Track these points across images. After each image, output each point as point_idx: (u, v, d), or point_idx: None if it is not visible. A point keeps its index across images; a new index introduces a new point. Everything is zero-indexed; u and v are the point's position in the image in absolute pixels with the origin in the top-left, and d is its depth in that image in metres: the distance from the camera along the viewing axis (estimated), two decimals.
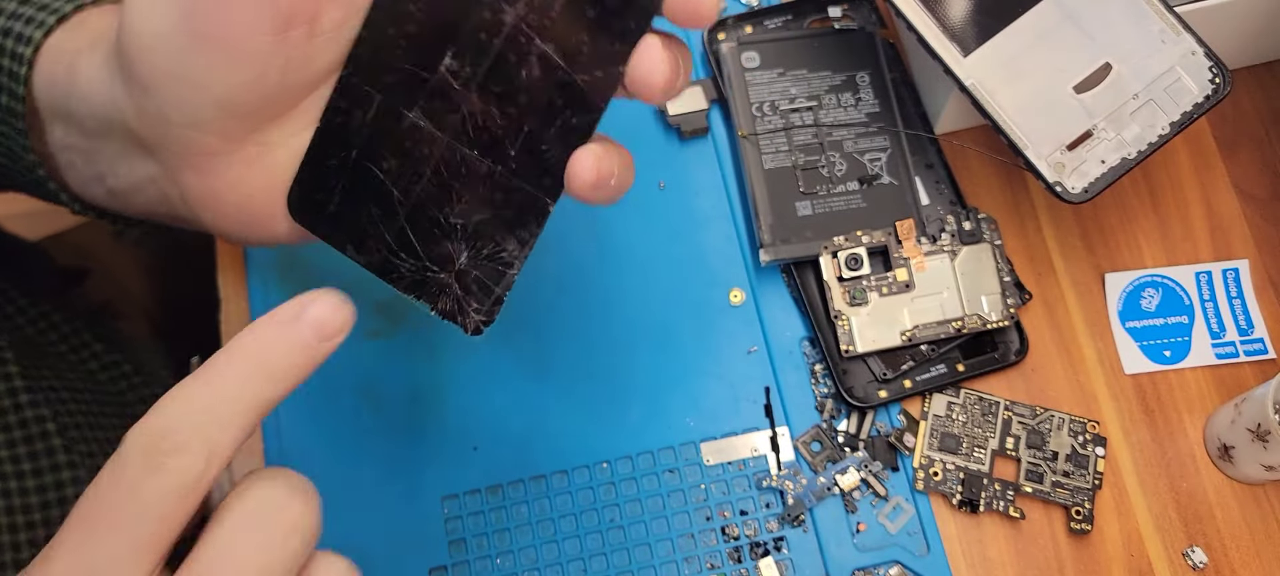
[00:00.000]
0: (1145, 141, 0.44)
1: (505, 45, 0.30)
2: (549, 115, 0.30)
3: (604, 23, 0.29)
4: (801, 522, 0.45)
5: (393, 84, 0.31)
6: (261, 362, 0.27)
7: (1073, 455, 0.45)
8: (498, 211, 0.32)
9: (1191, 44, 0.44)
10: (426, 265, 0.33)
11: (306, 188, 0.33)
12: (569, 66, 0.30)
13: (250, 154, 0.32)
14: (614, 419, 0.47)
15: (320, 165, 0.32)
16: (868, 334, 0.46)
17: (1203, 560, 0.44)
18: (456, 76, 0.31)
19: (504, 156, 0.31)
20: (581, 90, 0.30)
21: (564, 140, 0.31)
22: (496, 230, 0.32)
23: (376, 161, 0.32)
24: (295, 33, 0.29)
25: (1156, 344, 0.48)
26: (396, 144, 0.32)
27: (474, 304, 0.33)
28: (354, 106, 0.32)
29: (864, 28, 0.52)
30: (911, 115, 0.51)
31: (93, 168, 0.35)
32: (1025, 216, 0.50)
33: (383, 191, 0.32)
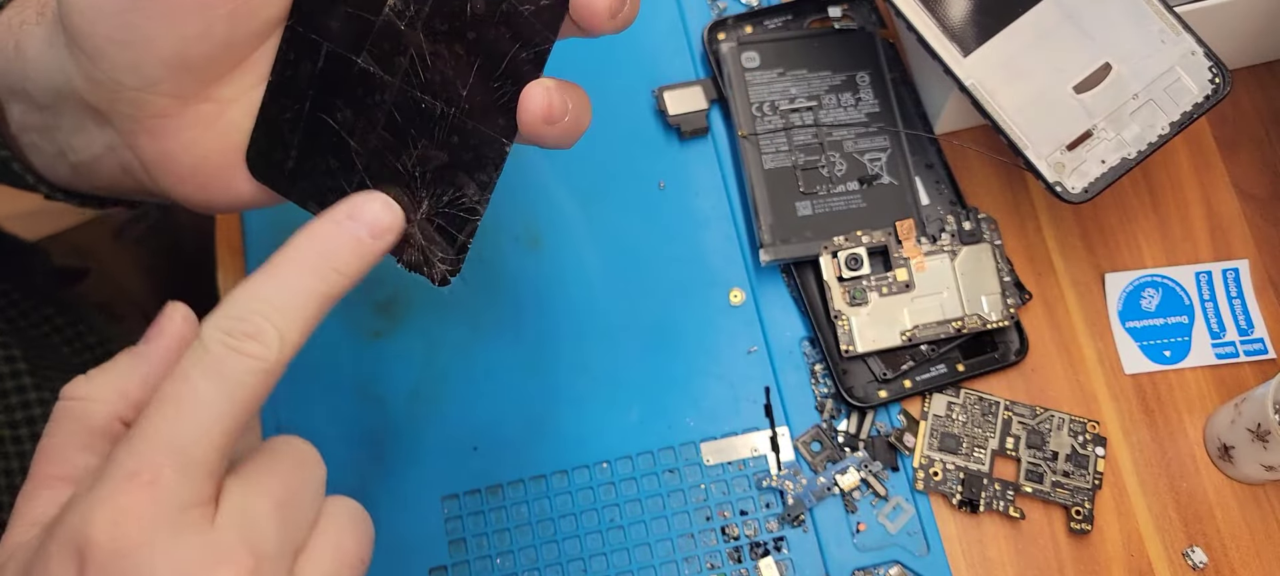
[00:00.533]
0: (1145, 141, 0.44)
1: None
2: (497, 50, 0.30)
3: None
4: (801, 522, 0.45)
5: (338, 30, 0.31)
6: (321, 258, 0.29)
7: (1073, 455, 0.45)
8: (455, 155, 0.32)
9: (1191, 44, 0.44)
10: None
11: (263, 146, 0.32)
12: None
13: (204, 113, 0.31)
14: (614, 419, 0.47)
15: (274, 121, 0.32)
16: (868, 334, 0.46)
17: (1203, 560, 0.44)
18: (401, 16, 0.30)
19: (456, 97, 0.31)
20: (527, 20, 0.30)
21: (514, 76, 0.30)
22: (456, 175, 0.32)
23: (330, 112, 0.32)
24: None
25: (1156, 344, 0.48)
26: (348, 92, 0.31)
27: (439, 253, 0.32)
28: (302, 57, 0.31)
29: (864, 28, 0.52)
30: (911, 115, 0.51)
31: (53, 144, 0.35)
32: (1025, 216, 0.50)
33: (339, 143, 0.32)
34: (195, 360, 0.27)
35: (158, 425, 0.26)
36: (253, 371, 0.27)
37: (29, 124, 0.35)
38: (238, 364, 0.27)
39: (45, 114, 0.34)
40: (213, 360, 0.26)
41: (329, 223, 0.30)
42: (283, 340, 0.27)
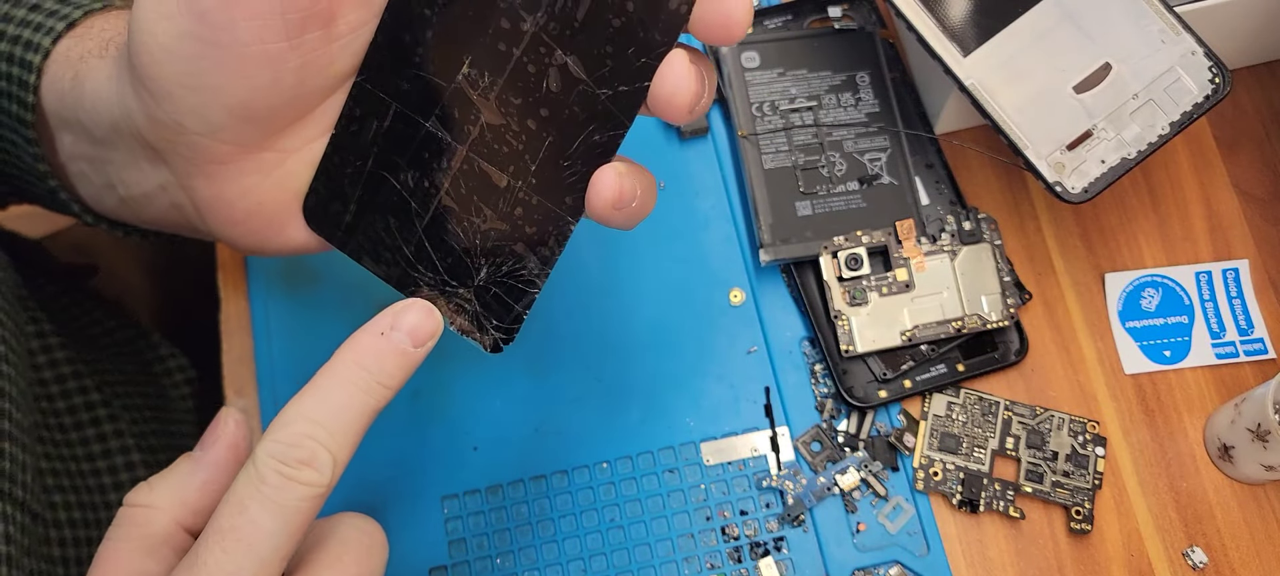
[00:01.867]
0: (1145, 141, 0.44)
1: (525, 55, 0.28)
2: (571, 130, 0.29)
3: (628, 35, 0.28)
4: (801, 522, 0.45)
5: (408, 91, 0.30)
6: (366, 371, 0.29)
7: (1073, 455, 0.45)
8: (517, 228, 0.31)
9: (1191, 44, 0.44)
10: (445, 280, 0.32)
11: (322, 197, 0.32)
12: (592, 80, 0.28)
13: (264, 161, 0.31)
14: (614, 419, 0.47)
15: (336, 174, 0.31)
16: (868, 334, 0.46)
17: (1203, 560, 0.44)
18: (474, 85, 0.29)
19: (524, 171, 0.30)
20: (604, 105, 0.29)
21: (586, 157, 0.29)
22: (517, 247, 0.31)
23: (393, 171, 0.31)
24: (310, 36, 0.29)
25: (1156, 344, 0.48)
26: (413, 153, 0.31)
27: (494, 321, 0.32)
28: (369, 114, 0.31)
29: (864, 28, 0.52)
30: (911, 115, 0.51)
31: (103, 176, 0.34)
32: (1025, 216, 0.50)
33: (400, 202, 0.31)
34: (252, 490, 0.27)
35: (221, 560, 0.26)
36: (308, 498, 0.27)
37: (79, 154, 0.35)
38: (294, 492, 0.27)
39: (99, 147, 0.34)
40: (270, 490, 0.27)
41: (372, 336, 0.30)
42: (335, 462, 0.28)
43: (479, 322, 0.32)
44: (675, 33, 0.28)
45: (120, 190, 0.34)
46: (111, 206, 0.36)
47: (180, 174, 0.32)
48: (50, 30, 0.34)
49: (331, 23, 0.29)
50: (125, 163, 0.33)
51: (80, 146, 0.34)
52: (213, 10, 0.27)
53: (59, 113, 0.34)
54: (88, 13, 0.35)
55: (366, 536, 0.30)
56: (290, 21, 0.28)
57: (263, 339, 0.48)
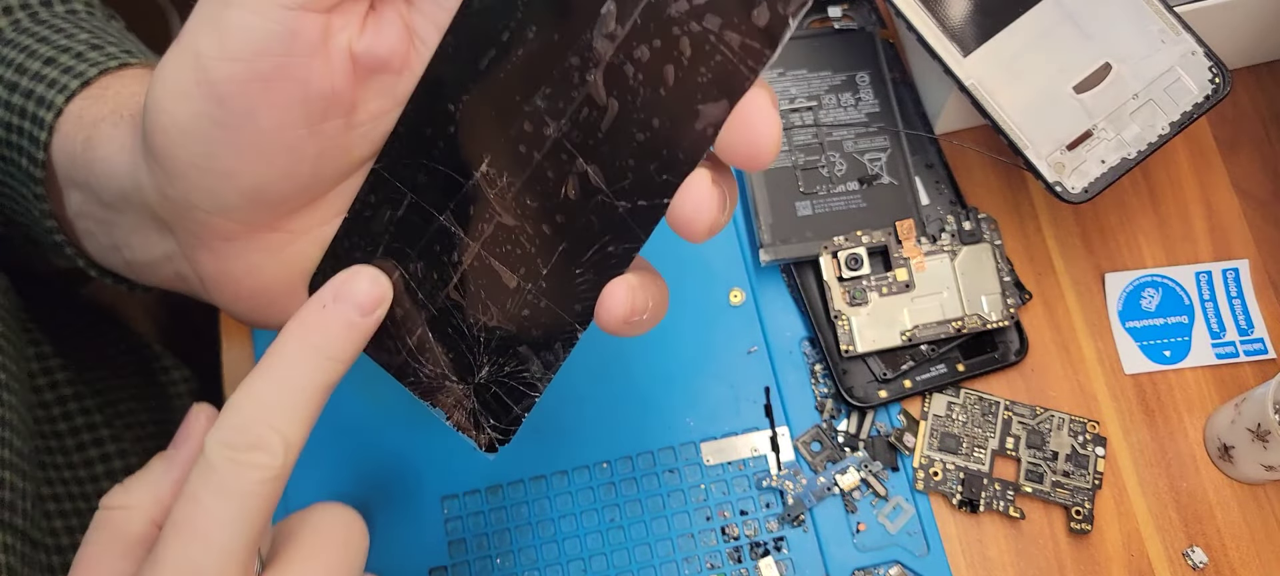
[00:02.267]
0: (1145, 141, 0.44)
1: (545, 160, 0.28)
2: (586, 239, 0.29)
3: (652, 151, 0.27)
4: (801, 522, 0.45)
5: (425, 184, 0.29)
6: (313, 348, 0.28)
7: (1073, 455, 0.45)
8: (524, 330, 0.30)
9: (1191, 44, 0.44)
10: (446, 375, 0.31)
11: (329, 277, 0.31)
12: (611, 192, 0.28)
13: (273, 241, 0.31)
14: (614, 419, 0.47)
15: (345, 258, 0.31)
16: (868, 334, 0.46)
17: (1203, 560, 0.44)
18: (492, 184, 0.29)
19: (535, 274, 0.29)
20: (622, 218, 0.28)
21: (599, 267, 0.29)
22: (522, 349, 0.31)
23: (402, 261, 0.31)
24: (331, 124, 0.28)
25: (1156, 344, 0.48)
26: (424, 246, 0.30)
27: (491, 420, 0.32)
28: (383, 202, 0.30)
29: (864, 28, 0.52)
30: (911, 115, 0.51)
31: (110, 238, 0.34)
32: (1025, 216, 0.50)
33: (407, 293, 0.31)
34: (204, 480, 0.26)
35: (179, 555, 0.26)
36: (262, 482, 0.27)
37: (87, 213, 0.34)
38: (246, 477, 0.26)
39: (107, 210, 0.33)
40: (221, 478, 0.26)
41: (317, 310, 0.29)
42: (288, 444, 0.27)
43: (476, 421, 0.32)
44: (700, 153, 0.27)
45: (126, 254, 0.34)
46: (117, 266, 0.35)
47: (186, 247, 0.31)
48: (64, 87, 0.33)
49: (353, 111, 0.28)
50: (132, 228, 0.33)
51: (88, 206, 0.34)
52: (233, 97, 0.27)
53: (69, 173, 0.33)
54: (103, 72, 0.34)
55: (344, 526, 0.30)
56: (311, 110, 0.27)
57: (262, 340, 0.48)
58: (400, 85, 0.29)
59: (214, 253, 0.31)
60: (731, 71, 0.26)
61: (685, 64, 0.26)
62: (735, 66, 0.26)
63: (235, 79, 0.26)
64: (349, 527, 0.30)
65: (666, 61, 0.26)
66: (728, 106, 0.26)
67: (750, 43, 0.25)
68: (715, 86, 0.26)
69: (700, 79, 0.26)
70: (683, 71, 0.26)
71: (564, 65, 0.27)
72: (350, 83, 0.28)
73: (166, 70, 0.27)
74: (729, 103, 0.26)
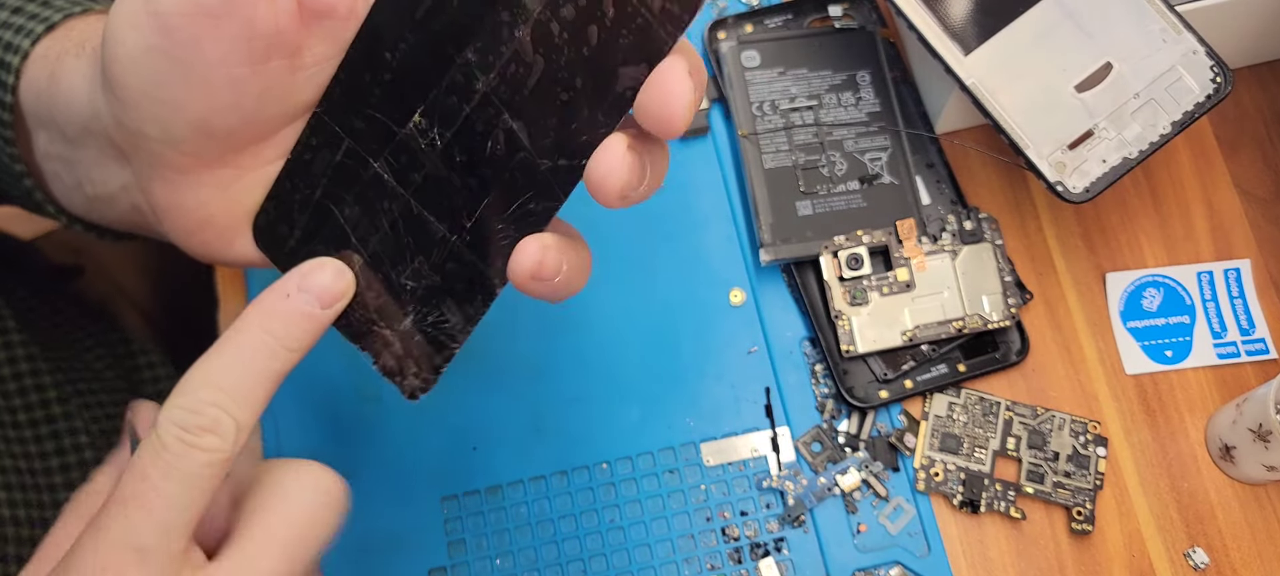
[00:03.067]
0: (1146, 141, 0.43)
1: (475, 113, 0.29)
2: (509, 194, 0.29)
3: (574, 110, 0.28)
4: (802, 523, 0.45)
5: (362, 130, 0.30)
6: (271, 336, 0.29)
7: (1074, 455, 0.45)
8: (448, 281, 0.31)
9: (1192, 43, 0.44)
10: (373, 318, 0.32)
11: (271, 218, 0.32)
12: (533, 149, 0.29)
13: (221, 176, 0.32)
14: (614, 419, 0.46)
15: (286, 198, 0.32)
16: (868, 334, 0.46)
17: (1204, 561, 0.44)
18: (424, 135, 0.30)
19: (460, 226, 0.30)
20: (543, 176, 0.29)
21: (519, 223, 0.30)
22: (445, 299, 0.31)
23: (339, 204, 0.32)
24: (274, 65, 0.29)
25: (1158, 344, 0.48)
26: (359, 191, 0.31)
27: (413, 368, 0.32)
28: (323, 145, 0.31)
29: (864, 27, 0.52)
30: (912, 114, 0.51)
31: (73, 176, 0.35)
32: (1026, 216, 0.50)
33: (340, 235, 0.32)
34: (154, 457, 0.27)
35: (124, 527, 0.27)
36: (211, 465, 0.27)
37: (53, 153, 0.35)
38: (195, 458, 0.27)
39: (69, 146, 0.34)
40: (171, 456, 0.27)
41: (278, 297, 0.30)
42: (238, 427, 0.28)
43: (400, 366, 0.33)
44: (618, 116, 0.28)
45: (87, 189, 0.35)
46: (80, 205, 0.36)
47: (141, 177, 0.32)
48: (30, 32, 0.34)
49: (297, 54, 0.29)
50: (93, 161, 0.34)
51: (54, 146, 0.35)
52: (179, 27, 0.28)
53: (35, 111, 0.34)
54: (67, 16, 0.35)
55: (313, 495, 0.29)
56: (255, 49, 0.28)
57: None
58: (346, 31, 0.30)
59: (166, 183, 0.32)
60: (652, 35, 0.26)
61: (608, 25, 0.27)
62: (655, 30, 0.26)
63: (182, 12, 0.27)
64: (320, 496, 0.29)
65: (590, 21, 0.27)
66: (646, 70, 0.27)
67: (670, 7, 0.26)
68: (636, 49, 0.27)
69: (622, 41, 0.27)
70: (606, 33, 0.27)
71: (495, 19, 0.28)
72: (295, 25, 0.29)
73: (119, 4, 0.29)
74: (648, 66, 0.27)
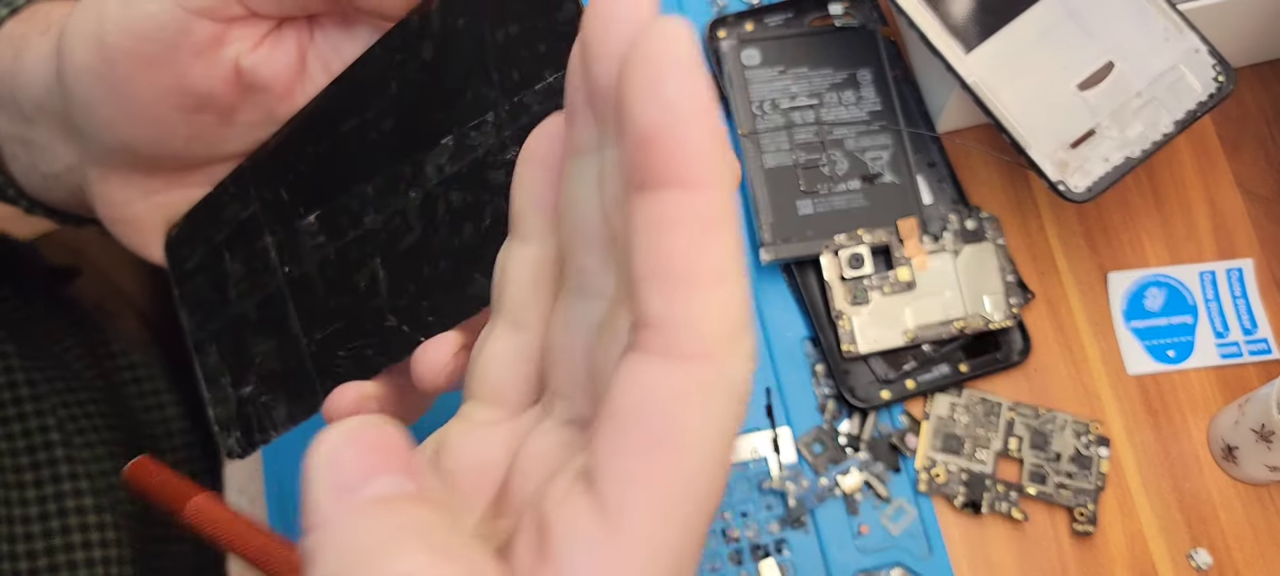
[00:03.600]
0: (1149, 140, 0.43)
1: (354, 242, 0.30)
2: (355, 330, 0.30)
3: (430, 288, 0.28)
4: (803, 524, 0.44)
5: (270, 202, 0.32)
6: None
7: (1076, 456, 0.45)
8: (286, 375, 0.32)
9: (1195, 42, 0.44)
10: (225, 370, 0.33)
11: (181, 236, 0.34)
12: (389, 300, 0.29)
13: (147, 185, 0.33)
14: None
15: (196, 226, 0.33)
16: (869, 334, 0.46)
17: (1207, 561, 0.44)
18: (313, 237, 0.31)
19: (311, 333, 0.31)
20: (388, 330, 0.29)
21: (355, 361, 0.30)
22: (278, 389, 0.32)
23: (232, 256, 0.33)
24: (204, 117, 0.30)
25: (1160, 344, 0.47)
26: (248, 255, 0.32)
27: (238, 432, 0.33)
28: (237, 198, 0.32)
29: (865, 25, 0.52)
30: (913, 113, 0.50)
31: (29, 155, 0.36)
32: (1028, 215, 0.50)
33: (223, 285, 0.33)
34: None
35: None
36: None
37: (12, 134, 0.36)
38: None
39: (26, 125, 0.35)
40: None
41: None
42: None
43: (228, 425, 0.34)
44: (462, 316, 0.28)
45: (41, 167, 0.36)
46: (36, 184, 0.37)
47: (82, 160, 0.33)
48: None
49: (231, 114, 0.30)
50: (45, 143, 0.35)
51: (13, 126, 0.36)
52: (118, 62, 0.29)
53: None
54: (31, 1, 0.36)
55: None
56: (185, 101, 0.29)
57: None
58: (280, 106, 0.31)
59: (98, 175, 0.33)
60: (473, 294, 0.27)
61: (483, 230, 0.27)
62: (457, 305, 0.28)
63: (122, 50, 0.28)
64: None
65: (469, 219, 0.27)
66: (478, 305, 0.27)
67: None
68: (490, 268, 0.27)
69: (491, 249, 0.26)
70: (479, 235, 0.27)
71: (397, 170, 0.28)
72: (230, 90, 0.30)
73: (79, 12, 0.30)
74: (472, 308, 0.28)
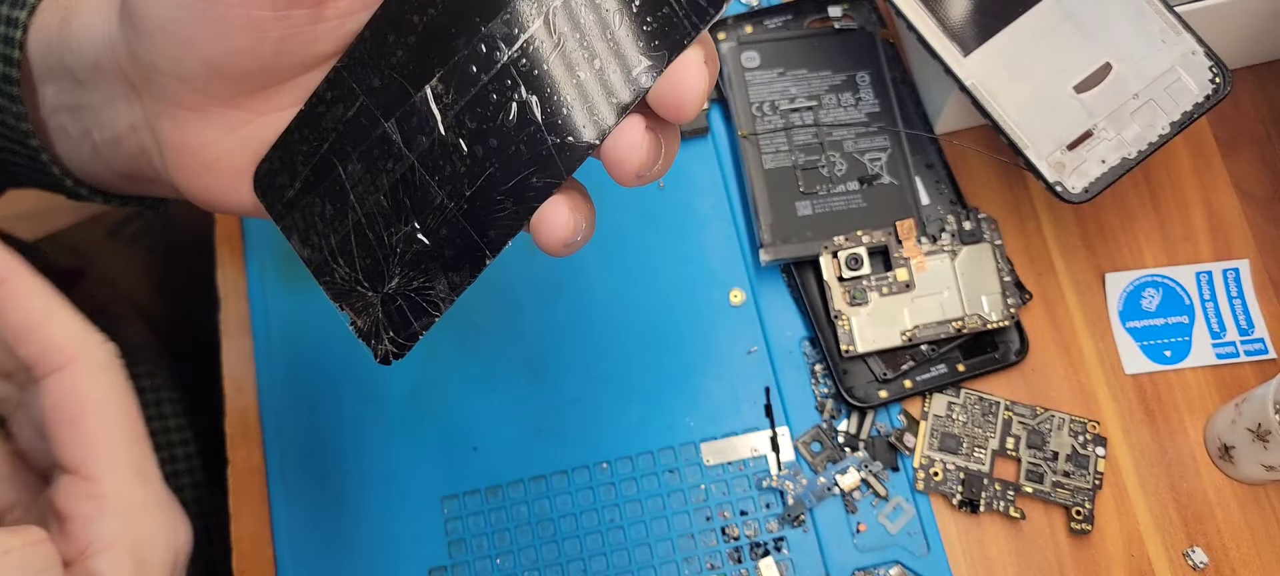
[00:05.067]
0: (1145, 141, 0.43)
1: (491, 83, 0.29)
2: (513, 166, 0.30)
3: (590, 91, 0.28)
4: (802, 523, 0.45)
5: (378, 89, 0.31)
6: None
7: (1073, 455, 0.45)
8: (439, 247, 0.31)
9: (1191, 43, 0.44)
10: (359, 277, 0.32)
11: (274, 166, 0.32)
12: (545, 124, 0.29)
13: (231, 118, 0.32)
14: (614, 419, 0.47)
15: (292, 149, 0.32)
16: (868, 334, 0.46)
17: (1203, 560, 0.44)
18: (438, 100, 0.30)
19: (459, 194, 0.31)
20: (549, 152, 0.29)
21: (518, 196, 0.30)
22: (433, 266, 0.31)
23: (343, 161, 0.32)
24: (298, 12, 0.29)
25: (1157, 344, 0.48)
26: (365, 150, 0.31)
27: (391, 332, 0.32)
28: (337, 100, 0.31)
29: (864, 27, 0.52)
30: (912, 115, 0.51)
31: (79, 124, 0.35)
32: (1025, 216, 0.50)
33: (340, 192, 0.32)
34: None
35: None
36: None
37: (61, 104, 0.35)
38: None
39: (80, 89, 0.34)
40: None
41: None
42: None
43: (377, 330, 0.33)
44: (634, 99, 0.28)
45: (95, 134, 0.35)
46: (86, 157, 0.36)
47: (150, 114, 0.32)
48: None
49: (322, 4, 0.30)
50: (102, 103, 0.34)
51: (63, 95, 0.35)
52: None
53: (45, 60, 0.34)
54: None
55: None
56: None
57: (262, 339, 0.48)
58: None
59: (174, 121, 0.32)
60: (676, 24, 0.27)
61: (634, 8, 0.27)
62: (680, 20, 0.27)
63: None
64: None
65: (621, 9, 0.27)
66: (667, 58, 0.27)
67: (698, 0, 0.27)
68: (658, 36, 0.27)
69: (645, 27, 0.27)
70: (631, 16, 0.27)
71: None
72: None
73: None
74: (669, 55, 0.27)
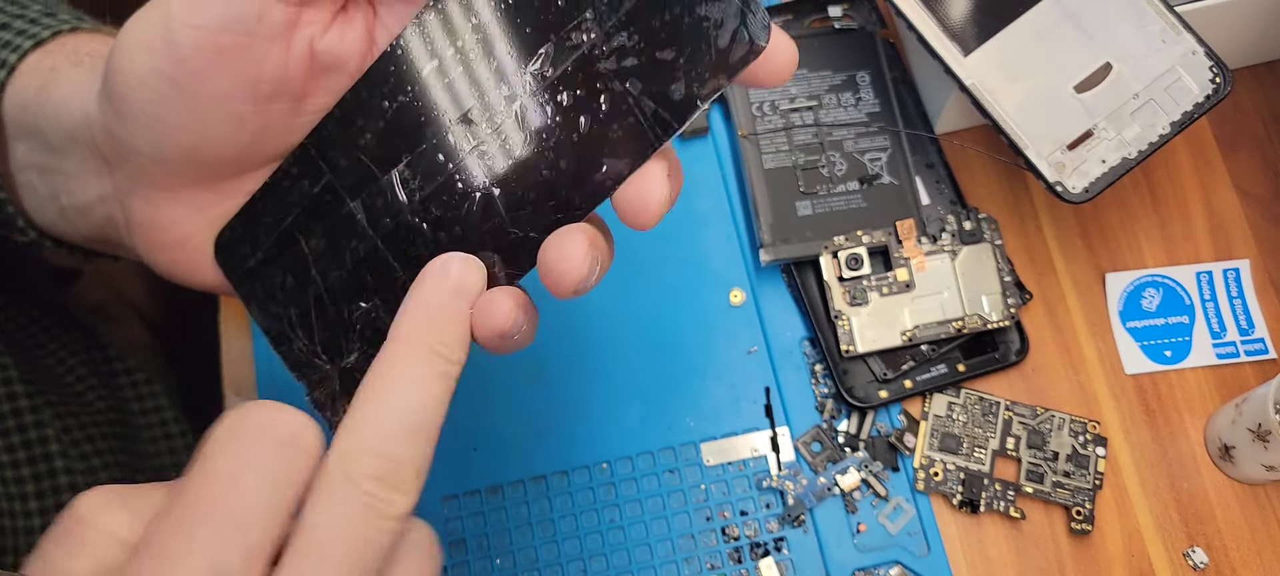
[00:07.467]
0: (1146, 141, 0.43)
1: (458, 173, 0.30)
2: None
3: (553, 189, 0.28)
4: (802, 523, 0.45)
5: (345, 168, 0.31)
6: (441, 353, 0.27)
7: (1073, 455, 0.45)
8: None
9: (1192, 43, 0.44)
10: (317, 350, 0.33)
11: (236, 236, 0.33)
12: (508, 217, 0.29)
13: (202, 199, 0.32)
14: (614, 419, 0.47)
15: (255, 219, 0.33)
16: (868, 334, 0.46)
17: (1204, 560, 0.44)
18: (404, 185, 0.30)
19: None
20: (512, 244, 0.29)
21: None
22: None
23: (305, 235, 0.32)
24: (277, 106, 0.30)
25: (1157, 344, 0.48)
26: (328, 226, 0.32)
27: (344, 406, 0.32)
28: (303, 176, 0.32)
29: (864, 27, 0.52)
30: (912, 115, 0.51)
31: (49, 186, 0.35)
32: (1026, 216, 0.50)
33: (301, 265, 0.32)
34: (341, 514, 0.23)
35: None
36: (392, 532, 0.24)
37: (30, 163, 0.35)
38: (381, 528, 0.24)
39: (52, 154, 0.34)
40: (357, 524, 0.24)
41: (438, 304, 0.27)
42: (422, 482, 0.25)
43: (333, 403, 0.33)
44: (593, 205, 0.28)
45: (62, 199, 0.35)
46: (51, 217, 0.36)
47: (121, 189, 0.32)
48: (18, 48, 0.35)
49: (302, 99, 0.30)
50: (74, 171, 0.34)
51: (33, 155, 0.35)
52: (190, 58, 0.28)
53: (19, 121, 0.34)
54: (56, 34, 0.35)
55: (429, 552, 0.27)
56: (261, 90, 0.29)
57: (263, 339, 0.48)
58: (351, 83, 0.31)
59: (144, 199, 0.32)
60: (640, 136, 0.27)
61: (601, 118, 0.28)
62: (644, 131, 0.27)
63: (196, 45, 0.28)
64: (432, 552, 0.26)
65: (584, 111, 0.28)
66: (630, 166, 0.28)
67: (663, 113, 0.27)
68: (623, 146, 0.28)
69: (611, 135, 0.28)
70: (597, 125, 0.28)
71: (494, 92, 0.29)
72: (305, 74, 0.30)
73: (139, 20, 0.29)
74: (632, 163, 0.28)
